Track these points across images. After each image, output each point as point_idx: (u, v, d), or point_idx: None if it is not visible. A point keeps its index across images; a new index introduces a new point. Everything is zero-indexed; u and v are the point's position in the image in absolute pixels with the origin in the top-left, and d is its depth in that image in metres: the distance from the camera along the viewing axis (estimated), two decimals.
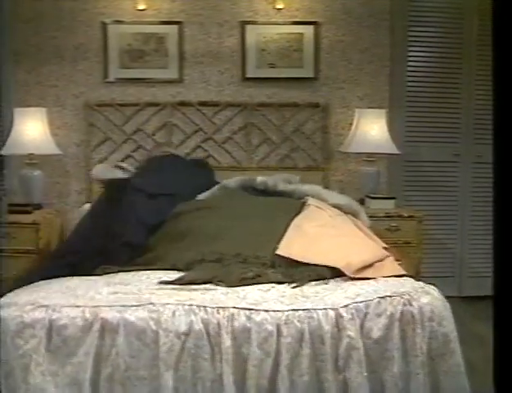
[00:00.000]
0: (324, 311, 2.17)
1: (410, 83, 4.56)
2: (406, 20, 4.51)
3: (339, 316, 2.16)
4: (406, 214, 4.09)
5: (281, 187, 3.72)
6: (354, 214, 3.55)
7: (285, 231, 2.90)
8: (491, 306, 1.33)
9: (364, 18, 4.47)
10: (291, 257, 2.63)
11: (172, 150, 4.25)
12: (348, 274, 2.48)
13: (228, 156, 4.43)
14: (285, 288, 2.39)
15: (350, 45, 4.48)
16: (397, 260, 2.82)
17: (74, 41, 4.37)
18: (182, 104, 4.39)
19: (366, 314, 2.19)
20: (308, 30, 4.41)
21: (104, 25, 4.35)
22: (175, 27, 4.38)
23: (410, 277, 2.55)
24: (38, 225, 3.77)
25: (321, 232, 2.89)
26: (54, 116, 4.32)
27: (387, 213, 4.07)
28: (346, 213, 3.46)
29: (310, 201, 3.40)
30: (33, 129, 4.05)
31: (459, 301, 4.24)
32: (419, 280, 3.27)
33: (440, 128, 4.55)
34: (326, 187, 4.24)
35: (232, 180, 3.79)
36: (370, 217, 3.73)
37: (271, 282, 2.43)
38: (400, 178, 4.59)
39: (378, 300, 2.22)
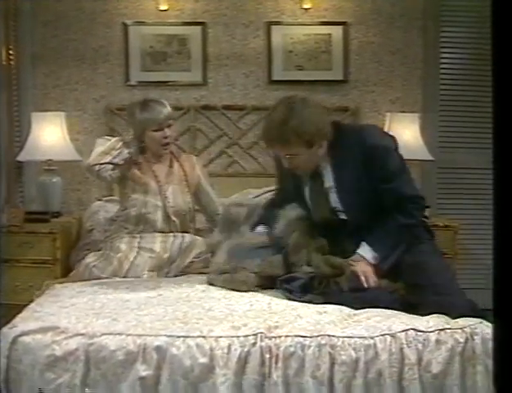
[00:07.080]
0: (381, 338, 2.00)
1: (443, 86, 4.38)
2: (439, 19, 4.34)
3: (397, 342, 1.99)
4: (441, 224, 3.88)
5: None
6: None
7: None
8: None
9: (395, 18, 4.30)
10: None
11: None
12: None
13: (254, 162, 4.26)
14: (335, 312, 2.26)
15: (381, 46, 4.31)
16: None
17: (94, 43, 4.25)
18: (206, 108, 4.24)
19: (425, 344, 1.99)
20: (337, 31, 4.25)
21: (125, 27, 4.22)
22: (198, 28, 4.23)
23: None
24: (55, 234, 3.62)
25: None
26: (73, 121, 4.19)
27: None
28: None
29: None
30: (51, 134, 3.94)
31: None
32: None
33: (476, 133, 4.33)
34: None
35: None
36: None
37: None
38: (433, 185, 4.40)
39: (438, 331, 2.03)
